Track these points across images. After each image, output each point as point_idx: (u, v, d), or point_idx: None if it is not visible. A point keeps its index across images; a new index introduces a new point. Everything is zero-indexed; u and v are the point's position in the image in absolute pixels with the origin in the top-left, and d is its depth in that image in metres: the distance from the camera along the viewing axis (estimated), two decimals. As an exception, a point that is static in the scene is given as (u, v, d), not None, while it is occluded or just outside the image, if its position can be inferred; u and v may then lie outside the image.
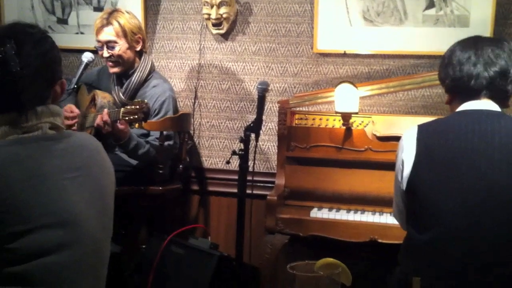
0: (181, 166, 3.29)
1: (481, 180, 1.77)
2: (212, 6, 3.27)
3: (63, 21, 3.73)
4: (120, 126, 2.82)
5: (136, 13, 3.32)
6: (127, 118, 2.70)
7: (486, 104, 1.88)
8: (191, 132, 3.50)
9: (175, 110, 3.19)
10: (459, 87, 1.91)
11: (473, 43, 1.92)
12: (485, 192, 1.76)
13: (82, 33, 3.67)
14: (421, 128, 1.91)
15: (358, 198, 2.80)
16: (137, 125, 2.70)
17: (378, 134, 2.84)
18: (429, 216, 1.83)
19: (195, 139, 3.54)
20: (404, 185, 1.89)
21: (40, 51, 1.52)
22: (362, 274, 2.65)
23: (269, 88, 2.89)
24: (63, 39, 3.65)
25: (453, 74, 1.91)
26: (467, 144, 1.80)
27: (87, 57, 3.14)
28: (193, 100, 3.52)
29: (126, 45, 3.10)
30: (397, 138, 2.77)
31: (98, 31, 3.10)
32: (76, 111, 3.12)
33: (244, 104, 3.43)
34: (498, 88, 1.88)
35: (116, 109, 2.81)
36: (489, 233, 1.76)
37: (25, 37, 1.51)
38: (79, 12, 3.68)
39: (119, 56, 3.10)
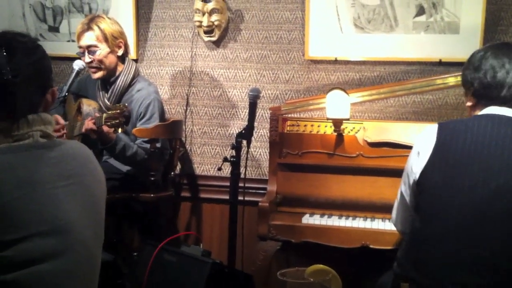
0: (173, 173, 3.29)
1: (491, 181, 1.79)
2: (203, 14, 3.28)
3: (54, 29, 3.73)
4: (105, 129, 2.82)
5: (127, 20, 3.32)
6: (109, 123, 2.71)
7: (508, 111, 1.90)
8: (183, 139, 3.50)
9: (161, 112, 3.19)
10: (488, 94, 1.93)
11: (506, 51, 1.94)
12: (493, 192, 1.78)
13: (73, 41, 3.64)
14: (441, 125, 1.95)
15: (350, 204, 2.80)
16: (120, 129, 2.70)
17: (369, 140, 2.85)
18: (435, 209, 1.85)
19: (187, 146, 3.54)
20: (417, 176, 1.91)
21: (32, 59, 1.52)
22: (353, 280, 2.66)
23: (261, 95, 2.90)
24: (55, 47, 3.64)
25: (485, 80, 1.92)
26: (483, 146, 1.83)
27: (78, 65, 3.13)
28: (184, 107, 3.52)
29: (107, 50, 3.10)
30: (388, 144, 2.81)
31: (79, 36, 3.11)
32: (62, 122, 3.09)
33: (236, 111, 3.44)
34: None
35: (98, 116, 2.81)
36: (492, 232, 1.78)
37: (16, 46, 1.51)
38: (70, 20, 3.68)
39: (100, 61, 3.10)
